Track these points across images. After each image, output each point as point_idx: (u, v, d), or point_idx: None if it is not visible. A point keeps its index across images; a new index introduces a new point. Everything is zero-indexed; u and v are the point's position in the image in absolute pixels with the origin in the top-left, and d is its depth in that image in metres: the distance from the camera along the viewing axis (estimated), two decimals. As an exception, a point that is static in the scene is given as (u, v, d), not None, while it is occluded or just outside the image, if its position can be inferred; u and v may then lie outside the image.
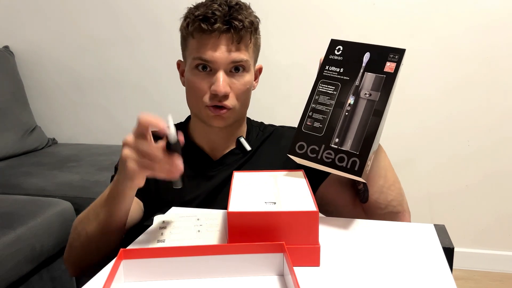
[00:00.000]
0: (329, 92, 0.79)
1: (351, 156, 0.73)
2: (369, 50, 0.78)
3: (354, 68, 0.78)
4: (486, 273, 1.87)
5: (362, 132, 0.74)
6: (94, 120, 2.15)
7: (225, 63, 0.88)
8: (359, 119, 0.75)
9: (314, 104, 0.79)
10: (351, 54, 0.79)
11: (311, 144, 0.77)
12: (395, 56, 0.77)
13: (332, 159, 0.74)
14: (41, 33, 2.10)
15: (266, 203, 0.66)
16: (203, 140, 0.99)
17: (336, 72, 0.79)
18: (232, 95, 0.90)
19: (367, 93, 0.76)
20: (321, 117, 0.78)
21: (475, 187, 1.86)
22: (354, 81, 0.77)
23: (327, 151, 0.75)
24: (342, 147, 0.74)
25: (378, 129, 0.74)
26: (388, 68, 0.77)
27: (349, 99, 0.77)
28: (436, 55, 1.79)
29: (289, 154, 0.79)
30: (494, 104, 1.79)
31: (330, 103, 0.78)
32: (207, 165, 0.98)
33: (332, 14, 1.84)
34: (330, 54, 0.81)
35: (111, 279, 0.55)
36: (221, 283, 0.60)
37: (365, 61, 0.78)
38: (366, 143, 0.73)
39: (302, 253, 0.63)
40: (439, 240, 0.71)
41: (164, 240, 0.73)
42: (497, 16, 1.72)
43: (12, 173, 1.64)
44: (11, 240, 1.17)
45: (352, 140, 0.74)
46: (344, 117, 0.76)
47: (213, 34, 0.87)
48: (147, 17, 1.95)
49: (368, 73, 0.77)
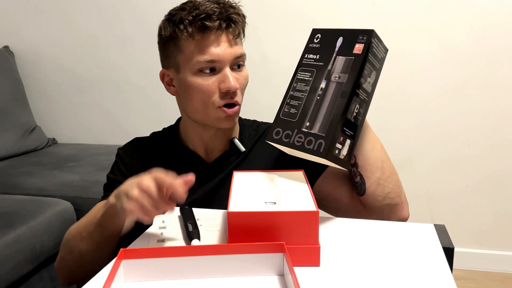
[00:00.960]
0: (306, 78, 0.80)
1: (318, 138, 0.74)
2: (342, 35, 0.79)
3: (328, 54, 0.79)
4: (486, 273, 1.87)
5: (330, 114, 0.75)
6: (94, 120, 2.15)
7: (230, 59, 0.88)
8: (328, 101, 0.76)
9: (292, 92, 0.81)
10: (326, 41, 0.81)
11: (286, 129, 0.78)
12: (364, 37, 0.77)
13: (302, 142, 0.75)
14: (41, 33, 2.10)
15: (266, 203, 0.66)
16: (197, 144, 0.97)
17: (313, 59, 0.81)
18: (239, 91, 0.90)
19: (337, 76, 0.77)
20: (297, 103, 0.79)
21: (475, 187, 1.86)
22: (327, 66, 0.79)
23: (299, 135, 0.76)
24: (312, 130, 0.75)
25: (347, 110, 0.75)
26: (356, 49, 0.77)
27: (321, 83, 0.78)
28: (436, 55, 1.79)
29: (267, 140, 0.80)
30: (494, 104, 1.78)
31: (305, 89, 0.80)
32: (201, 168, 0.96)
33: (332, 14, 1.84)
34: (310, 43, 0.84)
35: (111, 279, 0.55)
36: (221, 283, 0.60)
37: (337, 45, 0.79)
38: (332, 124, 0.74)
39: (302, 253, 0.63)
40: (439, 240, 0.71)
41: (164, 240, 0.73)
42: (497, 16, 1.72)
43: (12, 173, 1.64)
44: (11, 240, 1.17)
45: (320, 123, 0.75)
46: (316, 101, 0.77)
47: (214, 31, 0.86)
48: (147, 17, 1.95)
49: (339, 56, 0.78)
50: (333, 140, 0.73)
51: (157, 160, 0.98)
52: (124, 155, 1.01)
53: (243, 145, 0.98)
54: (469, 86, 1.79)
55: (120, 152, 1.02)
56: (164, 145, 1.01)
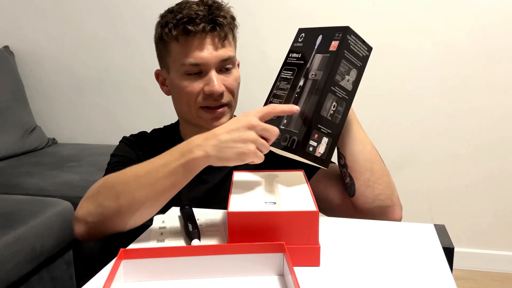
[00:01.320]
0: (288, 77, 0.81)
1: (292, 135, 0.74)
2: (322, 33, 0.80)
3: (309, 52, 0.80)
4: (486, 273, 1.87)
5: (303, 111, 0.75)
6: (94, 120, 2.15)
7: (215, 62, 0.88)
8: (304, 98, 0.76)
9: (275, 90, 0.82)
10: (308, 39, 0.81)
11: None
12: (339, 34, 0.77)
13: (278, 139, 0.75)
14: (41, 33, 2.10)
15: (266, 203, 0.66)
16: None
17: (295, 58, 0.82)
18: (226, 92, 0.90)
19: (313, 73, 0.77)
20: (278, 101, 0.80)
21: (475, 187, 1.86)
22: (306, 64, 0.79)
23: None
24: (288, 127, 0.76)
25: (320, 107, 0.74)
26: (332, 47, 0.77)
27: (300, 81, 0.79)
28: (436, 55, 1.79)
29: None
30: (494, 104, 1.78)
31: (287, 87, 0.80)
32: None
33: (332, 14, 1.84)
34: (294, 42, 0.84)
35: (111, 279, 0.55)
36: (221, 283, 0.60)
37: (317, 43, 0.80)
38: (305, 121, 0.74)
39: (302, 253, 0.63)
40: (439, 240, 0.71)
41: (164, 240, 0.73)
42: (497, 16, 1.72)
43: (12, 173, 1.64)
44: (11, 240, 1.17)
45: (295, 120, 0.75)
46: (294, 98, 0.78)
47: (198, 35, 0.86)
48: (147, 17, 1.95)
49: (317, 54, 0.79)
50: (305, 136, 0.73)
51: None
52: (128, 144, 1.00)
53: None
54: (469, 85, 1.79)
55: (124, 140, 1.02)
56: (165, 143, 1.01)
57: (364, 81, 1.66)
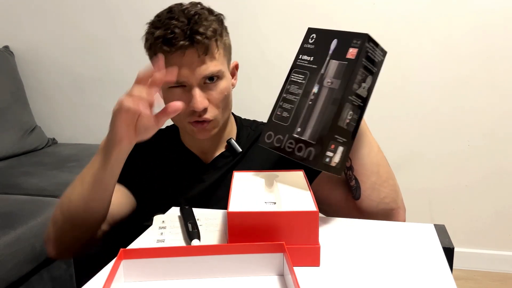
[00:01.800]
0: (299, 81, 0.78)
1: (308, 146, 0.72)
2: (337, 37, 0.76)
3: (322, 56, 0.76)
4: (486, 273, 1.87)
5: (321, 121, 0.73)
6: (94, 120, 2.15)
7: (196, 79, 0.85)
8: (319, 107, 0.73)
9: (285, 94, 0.79)
10: (321, 42, 0.78)
11: (278, 133, 0.76)
12: (357, 41, 0.73)
13: (292, 148, 0.74)
14: (41, 33, 2.10)
15: (266, 203, 0.66)
16: (194, 145, 0.99)
17: (307, 61, 0.78)
18: (211, 107, 0.88)
19: (329, 81, 0.74)
20: (289, 106, 0.77)
21: (475, 187, 1.86)
22: (320, 70, 0.76)
23: (290, 140, 0.75)
24: (303, 136, 0.73)
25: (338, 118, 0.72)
26: (349, 54, 0.74)
27: (314, 87, 0.75)
28: (437, 55, 1.79)
29: (260, 143, 0.78)
30: (494, 104, 1.78)
31: (298, 92, 0.77)
32: (199, 168, 0.98)
33: (332, 14, 1.84)
34: (304, 43, 0.80)
35: (111, 279, 0.55)
36: (221, 283, 0.60)
37: (332, 48, 0.76)
38: (322, 132, 0.72)
39: (302, 253, 0.63)
40: (439, 240, 0.71)
41: (164, 240, 0.73)
42: (497, 16, 1.72)
43: (12, 173, 1.64)
44: (11, 240, 1.17)
45: (311, 130, 0.73)
46: (308, 106, 0.75)
47: (177, 53, 0.84)
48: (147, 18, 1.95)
49: (332, 60, 0.75)
50: (323, 149, 0.71)
51: (156, 157, 0.99)
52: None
53: (240, 146, 0.99)
54: (469, 85, 1.79)
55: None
56: (165, 143, 1.02)
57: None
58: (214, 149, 0.99)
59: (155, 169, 0.98)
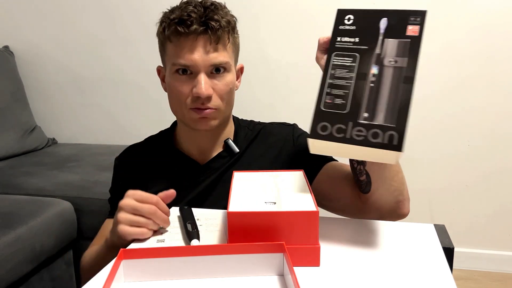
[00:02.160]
0: (347, 64, 0.72)
1: (386, 130, 0.66)
2: (385, 16, 0.73)
3: (371, 36, 0.72)
4: (486, 273, 1.87)
5: (394, 102, 0.68)
6: (94, 120, 2.15)
7: (205, 65, 0.87)
8: (388, 88, 0.69)
9: (331, 80, 0.72)
10: (365, 22, 0.74)
11: (336, 122, 0.69)
12: (417, 18, 0.72)
13: (364, 136, 0.67)
14: (41, 33, 2.10)
15: (266, 203, 0.66)
16: (191, 145, 0.99)
17: (351, 43, 0.73)
18: (215, 96, 0.89)
19: (391, 60, 0.71)
20: (342, 92, 0.71)
21: (475, 187, 1.86)
22: (374, 50, 0.72)
23: (357, 128, 0.68)
24: (374, 121, 0.67)
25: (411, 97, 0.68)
26: (411, 31, 0.71)
27: (371, 69, 0.71)
28: (437, 55, 1.79)
29: (311, 137, 0.69)
30: (494, 103, 1.78)
31: (350, 76, 0.71)
32: (195, 171, 0.97)
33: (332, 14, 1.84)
34: (339, 25, 0.75)
35: (111, 279, 0.55)
36: (221, 283, 0.60)
37: (382, 27, 0.73)
38: (401, 113, 0.67)
39: (302, 253, 0.63)
40: (439, 240, 0.71)
41: (164, 240, 0.73)
42: (497, 16, 1.72)
43: (12, 173, 1.64)
44: (11, 240, 1.17)
45: (384, 113, 0.67)
46: (370, 88, 0.70)
47: (190, 36, 0.86)
48: (147, 17, 1.95)
49: (389, 39, 0.71)
50: (405, 130, 0.66)
51: (151, 166, 1.00)
52: (119, 167, 1.03)
53: (238, 146, 0.98)
54: (469, 85, 1.79)
55: (116, 164, 1.05)
56: (158, 149, 1.02)
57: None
58: (212, 149, 0.98)
59: (150, 177, 0.98)
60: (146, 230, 0.73)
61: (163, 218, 0.74)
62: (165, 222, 0.75)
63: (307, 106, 2.10)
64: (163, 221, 0.75)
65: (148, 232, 0.73)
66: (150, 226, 0.73)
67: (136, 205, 0.73)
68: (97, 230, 1.02)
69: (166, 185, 0.95)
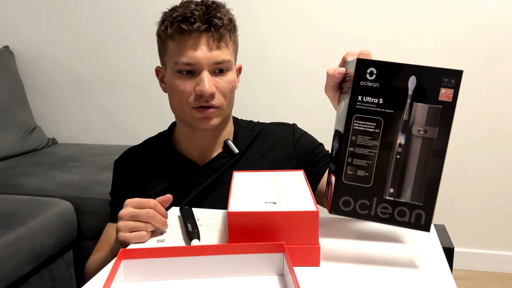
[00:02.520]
0: (369, 130, 0.63)
1: (413, 209, 0.62)
2: (414, 73, 0.62)
3: (398, 97, 0.62)
4: (486, 273, 1.87)
5: (423, 178, 0.62)
6: (94, 120, 2.15)
7: (208, 63, 0.87)
8: (415, 162, 0.62)
9: (351, 148, 0.63)
10: (390, 79, 0.62)
11: (359, 198, 0.64)
12: (451, 80, 0.61)
13: (389, 214, 0.63)
14: (41, 33, 2.10)
15: (266, 203, 0.66)
16: (190, 146, 0.98)
17: (374, 104, 0.62)
18: (218, 94, 0.89)
19: (421, 129, 0.62)
20: (364, 163, 0.63)
21: (475, 187, 1.86)
22: (401, 115, 0.62)
23: (382, 204, 0.63)
24: (400, 198, 0.63)
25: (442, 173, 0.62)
26: (444, 96, 0.61)
27: (398, 138, 0.63)
28: (436, 55, 1.79)
29: (332, 212, 0.65)
30: (494, 104, 1.79)
31: (373, 144, 0.63)
32: (194, 172, 0.97)
33: (332, 14, 1.84)
34: (360, 80, 0.62)
35: (111, 279, 0.55)
36: (221, 283, 0.60)
37: (411, 88, 0.62)
38: (430, 191, 0.62)
39: (302, 253, 0.63)
40: (439, 240, 0.71)
41: (164, 240, 0.73)
42: (497, 16, 1.72)
43: (12, 173, 1.64)
44: (11, 240, 1.17)
45: (411, 189, 0.62)
46: (395, 160, 0.63)
47: (193, 34, 0.86)
48: (147, 18, 1.95)
49: (418, 103, 0.62)
50: (433, 209, 0.62)
51: (150, 168, 1.00)
52: (118, 170, 1.03)
53: (237, 147, 0.98)
54: (469, 86, 1.79)
55: (115, 167, 1.04)
56: (157, 151, 1.02)
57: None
58: (211, 150, 0.98)
59: (149, 179, 0.98)
60: (145, 233, 0.73)
61: (161, 221, 0.75)
62: (163, 225, 0.76)
63: (307, 106, 2.11)
64: (162, 224, 0.75)
65: (147, 234, 0.73)
66: (149, 229, 0.74)
67: (134, 212, 0.74)
68: (97, 230, 1.02)
69: (165, 187, 0.95)
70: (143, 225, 0.73)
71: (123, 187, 1.00)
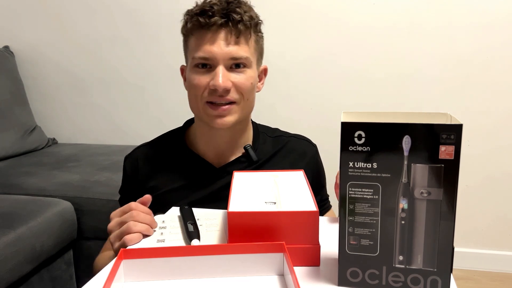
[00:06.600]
0: (367, 197, 0.59)
1: (427, 275, 0.59)
2: (407, 132, 0.56)
3: (393, 160, 0.57)
4: (486, 273, 1.87)
5: (433, 242, 0.58)
6: (94, 120, 2.15)
7: (224, 58, 0.86)
8: (422, 226, 0.59)
9: (351, 217, 0.60)
10: (380, 141, 0.57)
11: (367, 268, 0.60)
12: (450, 136, 0.55)
13: (402, 282, 0.60)
14: (41, 33, 2.11)
15: (266, 203, 0.66)
16: (207, 147, 0.96)
17: (368, 169, 0.58)
18: (234, 90, 0.88)
19: (423, 191, 0.58)
20: (367, 231, 0.60)
21: (476, 187, 1.86)
22: (400, 178, 0.58)
23: (393, 273, 0.60)
24: (412, 265, 0.59)
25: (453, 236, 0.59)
26: (444, 154, 0.56)
27: (400, 202, 0.59)
28: (436, 55, 1.79)
29: (341, 285, 0.62)
30: (494, 104, 1.79)
31: (373, 211, 0.59)
32: (209, 173, 0.95)
33: (332, 14, 1.84)
34: (349, 145, 0.58)
35: (111, 279, 0.55)
36: (221, 283, 0.60)
37: (406, 148, 0.57)
38: (443, 255, 0.58)
39: (302, 253, 0.63)
40: (439, 240, 0.71)
41: (164, 240, 0.73)
42: (497, 16, 1.72)
43: (12, 173, 1.64)
44: (11, 240, 1.17)
45: (422, 255, 0.59)
46: (401, 226, 0.59)
47: (211, 28, 0.85)
48: (147, 18, 1.95)
49: (416, 164, 0.57)
50: (449, 274, 0.59)
51: (162, 165, 0.98)
52: (129, 167, 1.01)
53: (256, 153, 0.97)
54: (469, 86, 1.79)
55: (125, 163, 1.02)
56: (170, 149, 1.00)
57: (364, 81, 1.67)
58: (229, 153, 0.96)
59: (160, 177, 0.97)
60: (137, 234, 0.73)
61: (146, 218, 0.75)
62: (151, 222, 0.76)
63: (307, 106, 2.10)
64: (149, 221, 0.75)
65: (139, 236, 0.73)
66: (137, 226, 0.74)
67: (120, 219, 0.75)
68: (97, 230, 1.02)
69: (178, 186, 0.94)
70: (132, 224, 0.73)
71: (133, 184, 0.98)
